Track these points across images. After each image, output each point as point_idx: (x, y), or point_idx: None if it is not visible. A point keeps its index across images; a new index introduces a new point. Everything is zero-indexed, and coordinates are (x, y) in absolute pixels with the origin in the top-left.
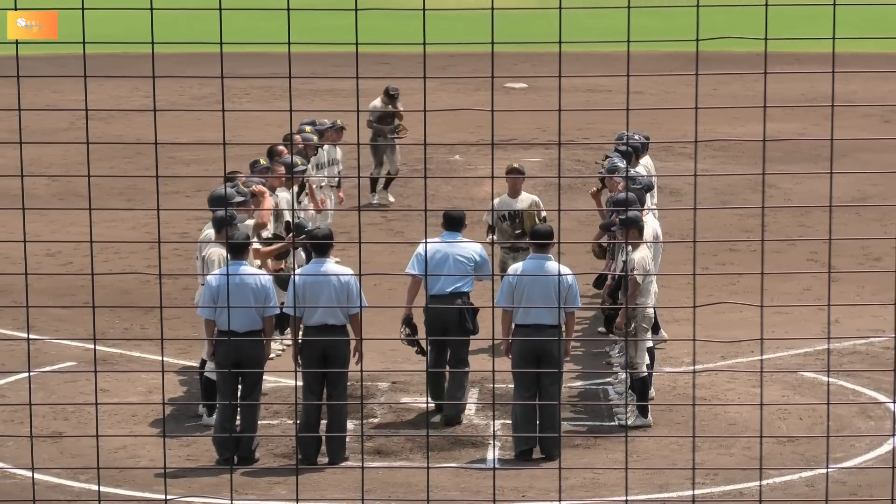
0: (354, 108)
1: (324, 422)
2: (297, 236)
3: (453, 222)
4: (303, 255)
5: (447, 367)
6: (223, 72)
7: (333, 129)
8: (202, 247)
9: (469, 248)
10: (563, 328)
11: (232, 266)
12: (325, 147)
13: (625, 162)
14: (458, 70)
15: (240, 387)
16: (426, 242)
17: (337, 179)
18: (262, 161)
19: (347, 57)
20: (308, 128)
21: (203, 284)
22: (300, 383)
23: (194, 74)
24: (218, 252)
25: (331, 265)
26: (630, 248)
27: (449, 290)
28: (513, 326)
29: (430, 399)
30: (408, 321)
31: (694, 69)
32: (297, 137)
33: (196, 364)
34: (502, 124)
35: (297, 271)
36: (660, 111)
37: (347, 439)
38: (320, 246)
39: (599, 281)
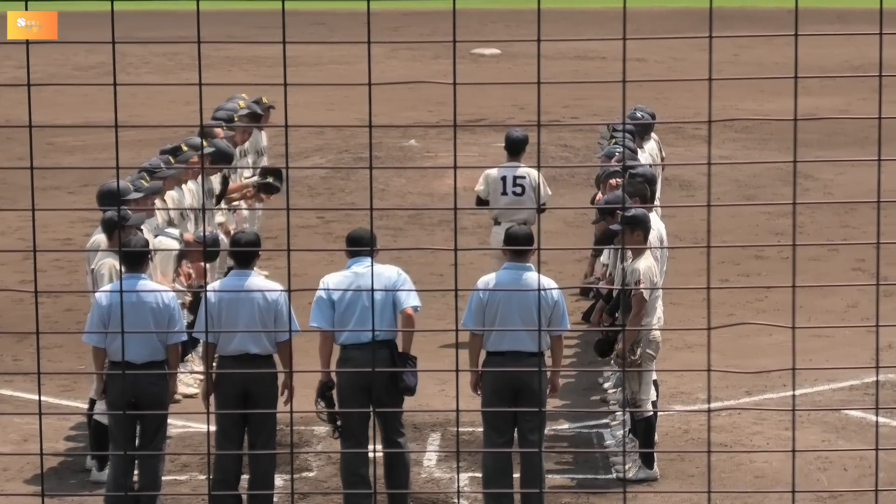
0: (282, 80)
1: (245, 476)
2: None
3: (359, 245)
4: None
5: (372, 448)
6: (115, 35)
7: (260, 109)
8: (91, 257)
9: (383, 275)
10: (548, 356)
11: (127, 281)
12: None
13: (631, 145)
14: (412, 32)
15: (138, 433)
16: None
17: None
18: (184, 147)
19: (273, 16)
20: (241, 102)
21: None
22: (214, 428)
23: (79, 39)
24: (110, 263)
25: (255, 279)
26: (631, 255)
27: (365, 339)
28: (483, 354)
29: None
30: (323, 390)
31: (707, 30)
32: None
33: (83, 405)
34: (470, 101)
35: (212, 286)
36: (666, 83)
37: (275, 498)
38: (242, 255)
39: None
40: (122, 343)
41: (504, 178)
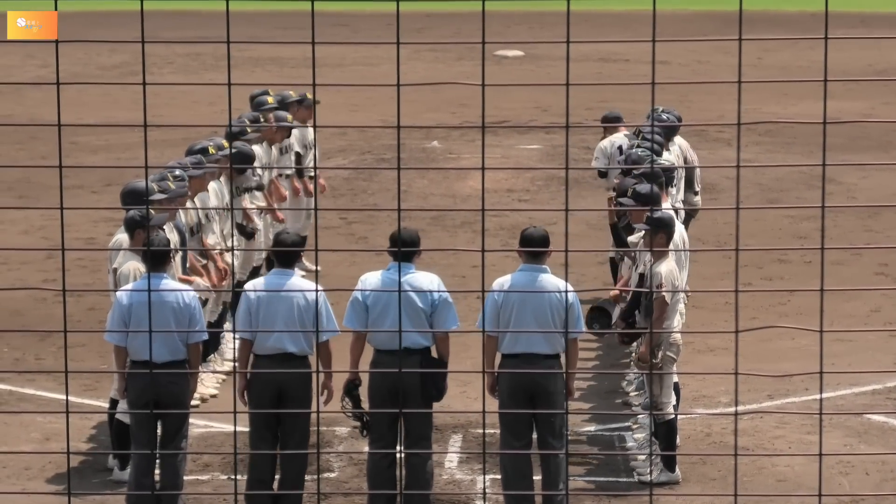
0: (307, 81)
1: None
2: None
3: (404, 247)
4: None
5: (400, 449)
6: (144, 35)
7: (304, 105)
8: (113, 257)
9: (423, 282)
10: (564, 359)
11: (149, 280)
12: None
13: (658, 144)
14: (435, 34)
15: (160, 432)
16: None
17: (311, 168)
18: (211, 150)
19: (294, 17)
20: (270, 98)
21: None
22: (242, 428)
23: (104, 38)
24: (134, 266)
25: (295, 279)
26: (652, 258)
27: (401, 344)
28: (499, 357)
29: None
30: (350, 389)
31: (732, 32)
32: (271, 117)
33: (105, 404)
34: (492, 103)
35: (250, 285)
36: (690, 86)
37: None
38: (285, 254)
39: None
40: (149, 342)
41: (620, 148)
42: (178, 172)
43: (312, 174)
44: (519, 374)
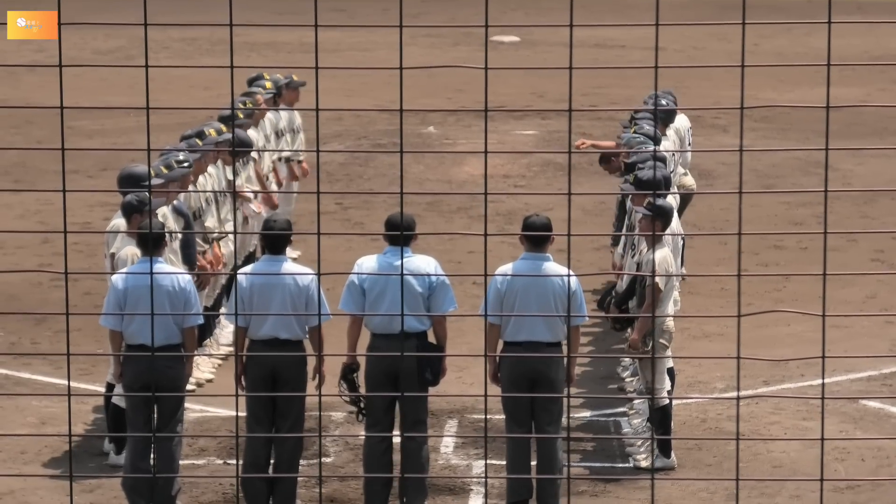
0: (303, 66)
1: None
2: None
3: (399, 232)
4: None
5: (396, 433)
6: (137, 18)
7: (290, 87)
8: (110, 241)
9: (420, 266)
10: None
11: (144, 264)
12: (284, 111)
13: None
14: (431, 19)
15: (155, 416)
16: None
17: (298, 151)
18: (212, 133)
19: (291, 2)
20: (269, 83)
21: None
22: (239, 412)
23: (104, 21)
24: (132, 251)
25: (287, 265)
26: (645, 244)
27: (395, 329)
28: (501, 344)
29: (366, 492)
30: (347, 374)
31: (728, 18)
32: (259, 97)
33: (101, 388)
34: (489, 88)
35: (243, 270)
36: (685, 73)
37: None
38: (274, 240)
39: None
40: (147, 325)
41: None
42: (181, 157)
43: (299, 159)
44: (521, 361)
